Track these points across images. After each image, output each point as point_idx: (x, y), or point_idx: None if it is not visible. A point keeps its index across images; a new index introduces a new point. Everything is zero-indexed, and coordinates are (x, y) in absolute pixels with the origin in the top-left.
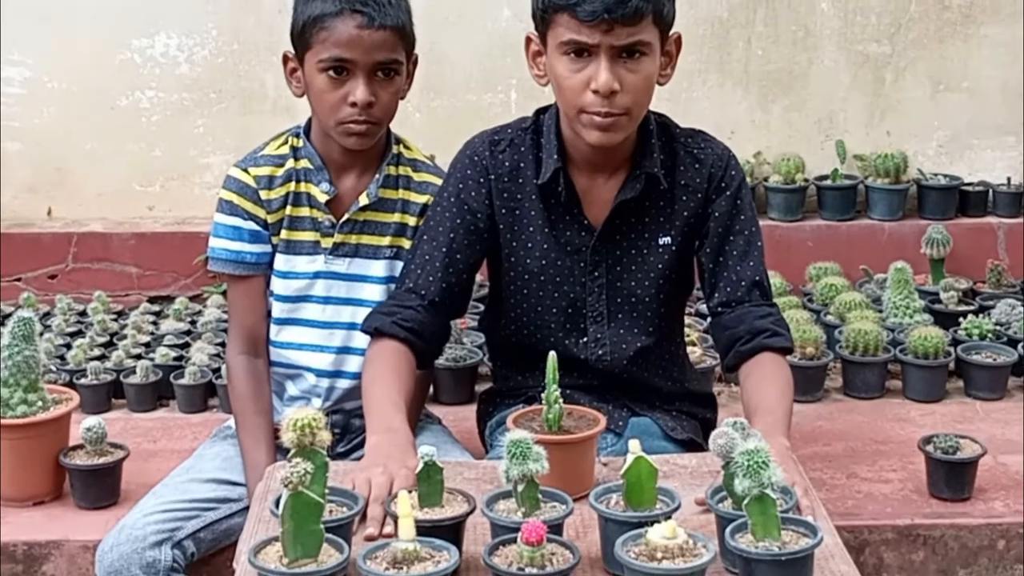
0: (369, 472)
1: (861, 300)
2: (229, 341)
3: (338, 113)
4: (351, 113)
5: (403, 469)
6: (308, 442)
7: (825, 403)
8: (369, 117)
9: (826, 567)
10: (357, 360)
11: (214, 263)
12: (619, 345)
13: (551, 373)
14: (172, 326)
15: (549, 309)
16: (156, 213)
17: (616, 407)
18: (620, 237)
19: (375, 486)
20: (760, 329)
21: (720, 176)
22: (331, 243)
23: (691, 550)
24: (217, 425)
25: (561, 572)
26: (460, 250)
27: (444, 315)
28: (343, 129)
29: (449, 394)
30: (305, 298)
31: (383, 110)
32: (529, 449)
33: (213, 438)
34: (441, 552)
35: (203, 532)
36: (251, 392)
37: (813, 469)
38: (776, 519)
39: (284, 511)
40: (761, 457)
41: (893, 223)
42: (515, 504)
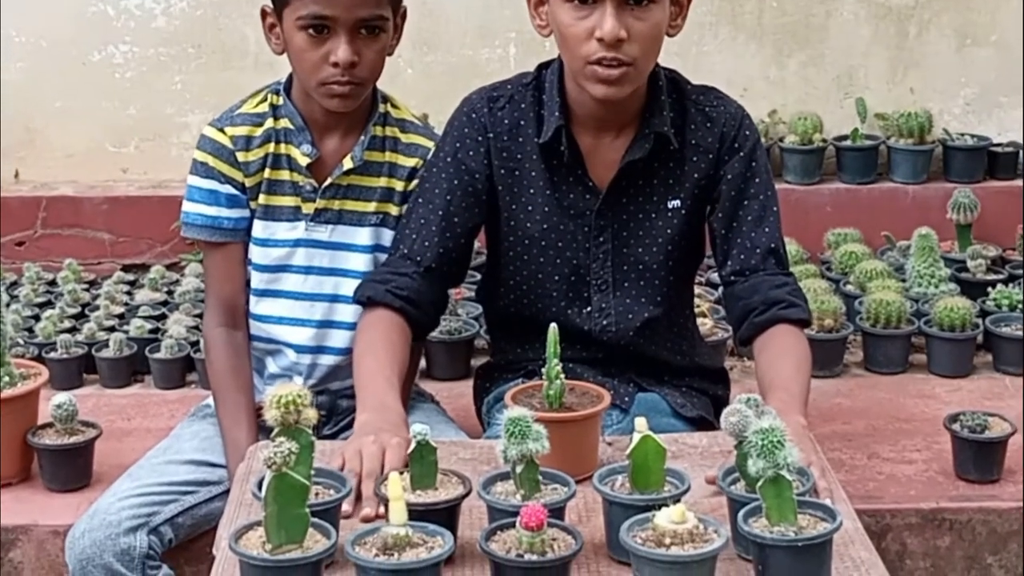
0: (359, 442)
1: (883, 269)
2: (206, 313)
3: (319, 73)
4: (333, 73)
5: (395, 438)
6: (293, 420)
7: (844, 379)
8: (352, 77)
9: (845, 553)
10: (341, 335)
11: (188, 229)
12: (625, 315)
13: (552, 346)
14: (147, 296)
15: (550, 277)
16: (130, 176)
17: (622, 382)
18: (627, 200)
19: (366, 457)
20: (775, 299)
21: (733, 136)
22: (312, 209)
23: (701, 535)
24: (196, 402)
25: (562, 559)
26: (457, 213)
27: (441, 283)
28: (325, 90)
29: (443, 369)
30: (285, 268)
31: (368, 69)
32: (528, 427)
33: (192, 417)
34: (434, 537)
35: (181, 517)
36: (230, 367)
37: (832, 449)
38: (792, 502)
39: (267, 494)
40: (776, 436)
41: (917, 186)
42: (513, 486)
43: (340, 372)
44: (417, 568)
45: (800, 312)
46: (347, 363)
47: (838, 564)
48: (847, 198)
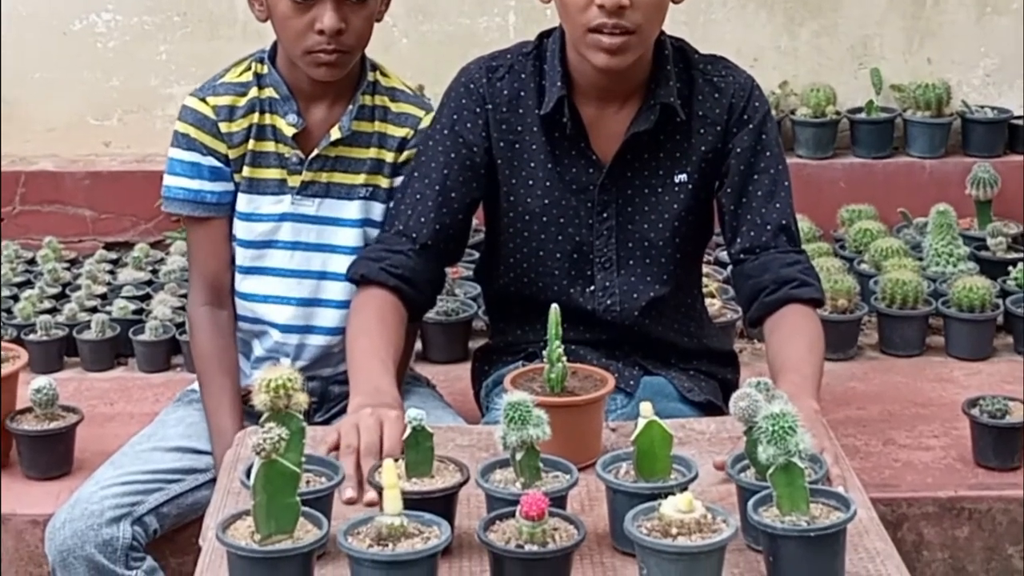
0: (355, 417)
1: (899, 247)
2: (190, 291)
3: (304, 41)
4: (319, 41)
5: (393, 411)
6: (283, 405)
7: (859, 361)
8: (339, 46)
9: (860, 544)
10: (329, 314)
11: (169, 203)
12: (629, 295)
13: (554, 327)
14: (131, 276)
15: (552, 254)
16: (113, 150)
17: (626, 365)
18: (631, 174)
19: (364, 430)
20: (787, 278)
21: (742, 108)
22: (299, 182)
23: (709, 525)
24: (181, 387)
25: (564, 550)
26: (455, 188)
27: (437, 260)
28: (311, 59)
29: (440, 352)
30: (270, 243)
31: (355, 37)
32: (529, 412)
33: (177, 402)
34: (431, 527)
35: (166, 506)
36: (214, 348)
37: (845, 435)
38: (804, 491)
39: (256, 482)
40: (787, 422)
41: (935, 161)
42: (513, 474)
43: (331, 358)
44: (413, 559)
45: (813, 291)
46: (338, 347)
47: (852, 555)
48: (861, 173)
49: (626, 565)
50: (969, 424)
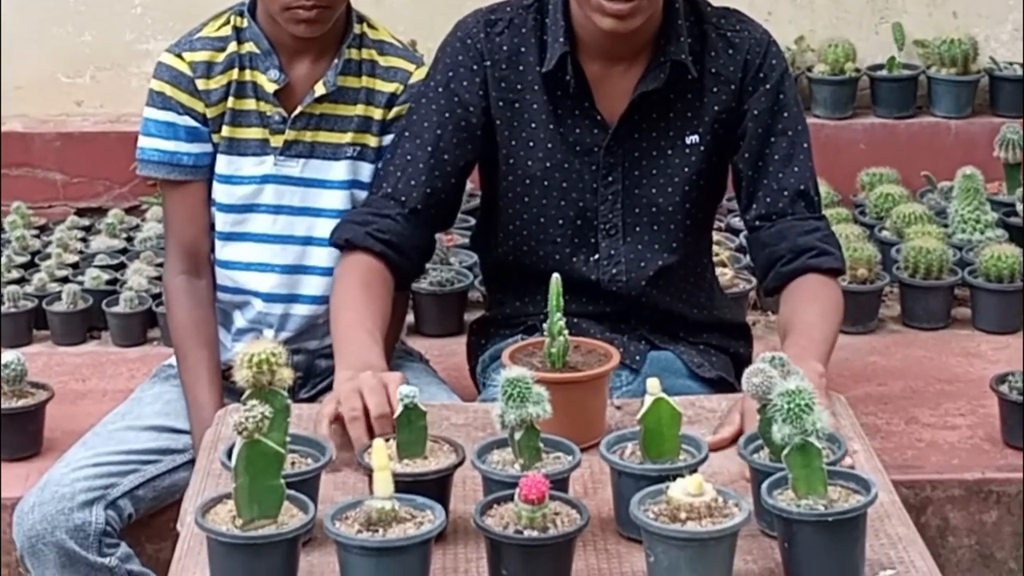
0: (354, 382)
1: (922, 213)
2: (166, 260)
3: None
4: None
5: (396, 373)
6: (266, 381)
7: (880, 335)
8: (319, 1)
9: (881, 529)
10: (315, 282)
11: (144, 166)
12: (636, 264)
13: (555, 298)
14: (104, 243)
15: (554, 221)
16: (85, 109)
17: (632, 339)
18: (639, 136)
19: (368, 391)
20: (805, 247)
21: (758, 65)
22: (282, 141)
23: (721, 509)
24: (158, 362)
25: (566, 535)
26: (448, 150)
27: (428, 226)
28: (289, 15)
29: (433, 324)
30: (252, 208)
31: None
32: (528, 389)
33: (153, 378)
34: (424, 511)
35: (142, 489)
36: (193, 320)
37: (866, 413)
38: (821, 473)
39: (237, 463)
40: (804, 399)
41: (960, 121)
42: (512, 455)
43: (317, 329)
44: (405, 545)
45: (833, 260)
46: (324, 317)
47: (873, 541)
48: (883, 134)
49: (631, 552)
50: (997, 401)
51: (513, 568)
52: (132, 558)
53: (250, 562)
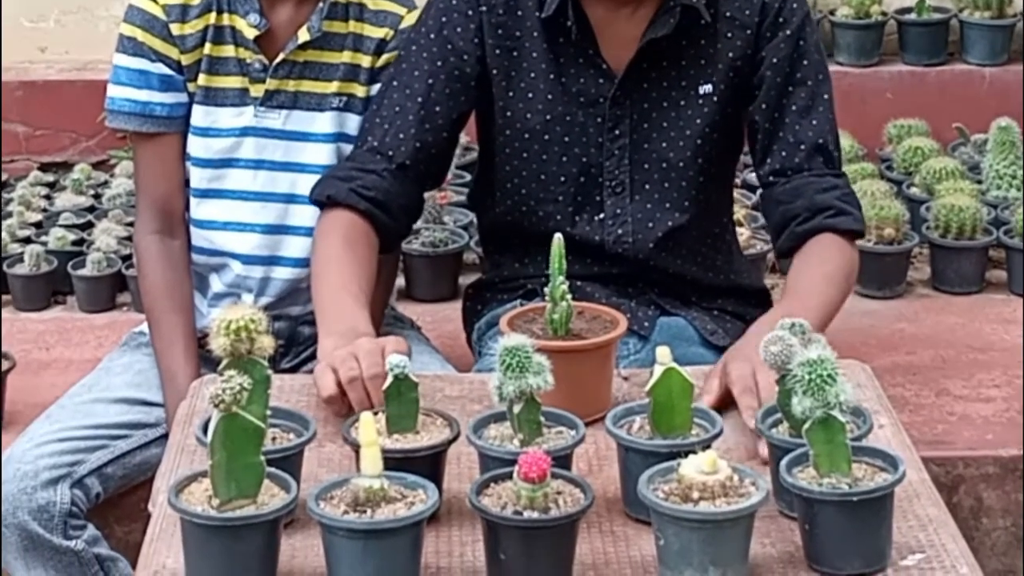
0: (348, 348)
1: (954, 168)
2: (137, 219)
3: None
4: None
5: (392, 336)
6: (245, 350)
7: (908, 299)
8: None
9: (909, 510)
10: (298, 243)
11: (114, 117)
12: (644, 224)
13: (557, 260)
14: (70, 201)
15: (555, 178)
16: (50, 56)
17: (640, 304)
18: (648, 86)
19: (364, 355)
20: (822, 205)
21: (777, 9)
22: (262, 91)
23: (736, 488)
24: (128, 328)
25: (569, 516)
26: (440, 101)
27: (417, 183)
28: None
29: (426, 288)
30: (230, 162)
31: None
32: (528, 359)
33: (123, 346)
34: (415, 491)
35: (111, 466)
36: (166, 283)
37: (893, 384)
38: (845, 449)
39: (214, 439)
40: (827, 369)
41: (995, 69)
42: (510, 429)
43: (300, 294)
44: (394, 528)
45: (851, 221)
46: (308, 281)
47: (900, 523)
48: (911, 83)
49: (640, 534)
50: None
51: (512, 552)
52: (100, 541)
53: (228, 545)
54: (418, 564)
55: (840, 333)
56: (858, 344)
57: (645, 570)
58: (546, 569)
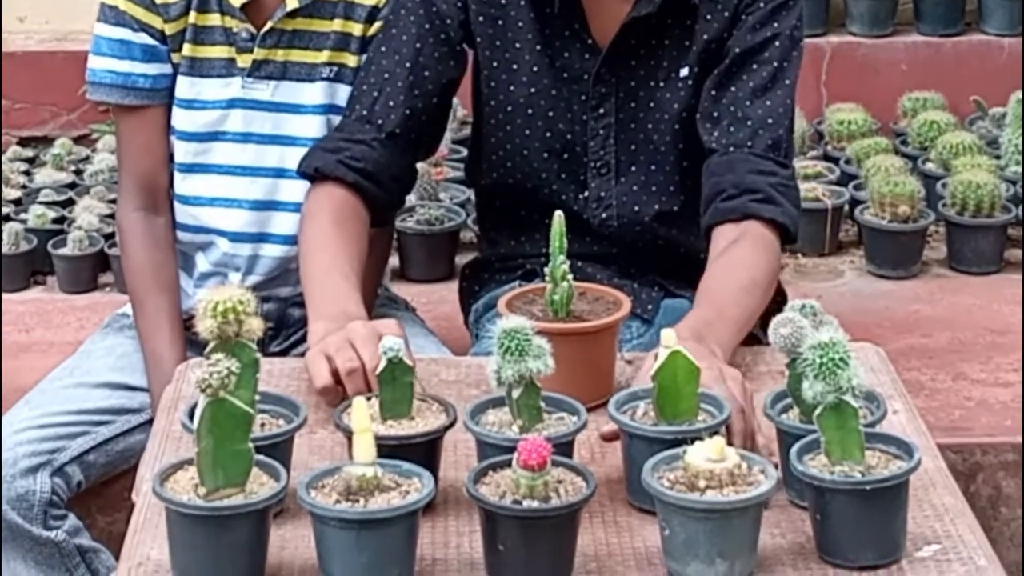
0: (345, 332)
1: (972, 142)
2: (120, 195)
3: None
4: None
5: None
6: (232, 332)
7: (924, 280)
8: None
9: (925, 499)
10: (287, 219)
11: (95, 90)
12: (630, 208)
13: (557, 239)
14: (50, 177)
15: (539, 154)
16: (29, 26)
17: (644, 285)
18: (635, 64)
19: (360, 341)
20: (752, 187)
21: None
22: (250, 61)
23: (744, 477)
24: (111, 310)
25: (570, 506)
26: (429, 66)
27: (408, 153)
28: None
29: (421, 268)
30: (217, 136)
31: None
32: (528, 342)
33: (106, 328)
34: (410, 479)
35: (92, 454)
36: (150, 263)
37: (908, 368)
38: (858, 435)
39: (201, 425)
40: (839, 352)
41: (1014, 39)
42: (509, 415)
43: (290, 274)
44: (388, 518)
45: (778, 212)
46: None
47: (916, 512)
48: (927, 54)
49: (644, 524)
50: None
51: (511, 543)
52: (81, 531)
53: (214, 536)
54: (413, 555)
55: (853, 315)
56: (872, 326)
57: (649, 562)
58: (546, 561)
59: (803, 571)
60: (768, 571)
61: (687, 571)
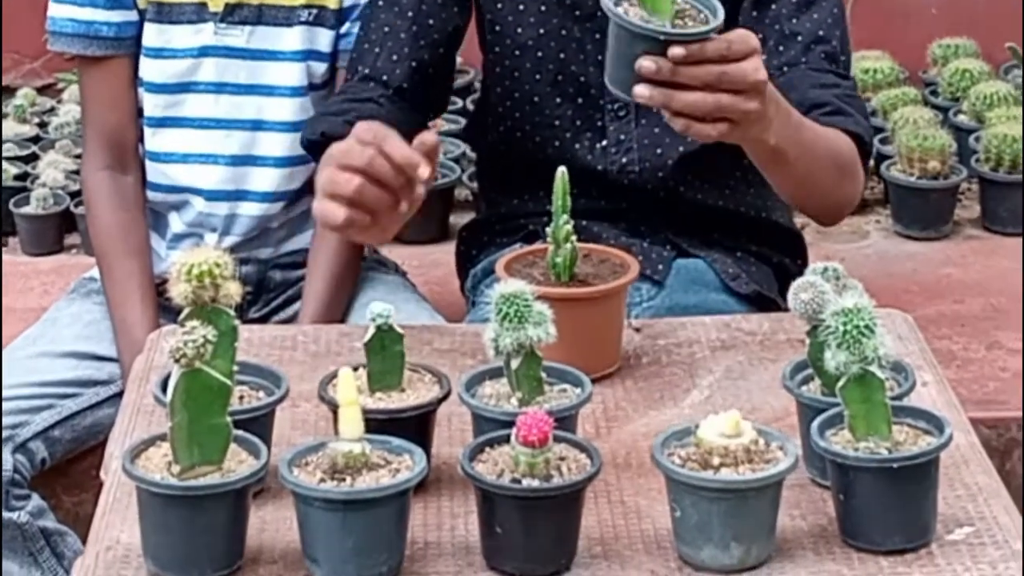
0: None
1: (1007, 93)
2: (85, 152)
3: None
4: None
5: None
6: (208, 297)
7: (955, 241)
8: None
9: (957, 478)
10: (265, 175)
11: (56, 39)
12: (652, 151)
13: (560, 197)
14: (12, 130)
15: (550, 99)
16: None
17: (654, 244)
18: None
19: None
20: (817, 101)
21: None
22: (222, 5)
23: (762, 453)
24: (78, 274)
25: (573, 485)
26: (432, 14)
27: (418, 110)
28: None
29: (413, 229)
30: (188, 87)
31: None
32: (528, 307)
33: (72, 293)
34: (400, 456)
35: (58, 429)
36: (119, 223)
37: (938, 336)
38: (885, 409)
39: (174, 398)
40: (863, 319)
41: None
42: (508, 387)
43: (270, 235)
44: (377, 498)
45: (851, 123)
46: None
47: (947, 492)
48: None
49: (653, 505)
50: None
51: (509, 525)
52: (46, 512)
53: (189, 517)
54: (404, 538)
55: (879, 278)
56: (899, 291)
57: (659, 546)
58: (547, 544)
59: (825, 556)
60: (787, 556)
61: (700, 556)
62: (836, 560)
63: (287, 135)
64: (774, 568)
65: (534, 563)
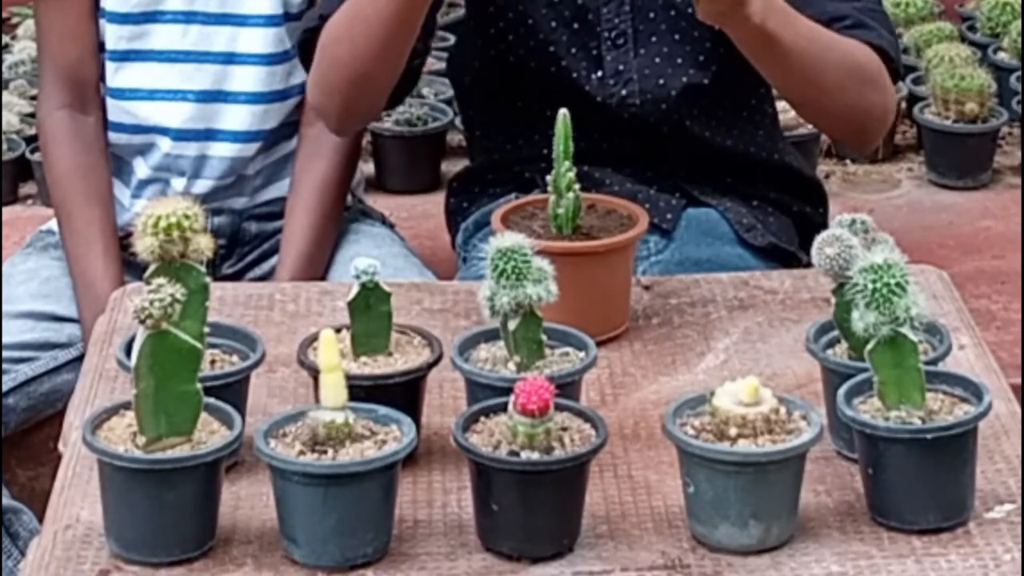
0: None
1: None
2: (41, 91)
3: None
4: None
5: None
6: (177, 252)
7: (995, 190)
8: None
9: (996, 450)
10: (239, 112)
11: None
12: (653, 81)
13: (562, 142)
14: None
15: (544, 23)
16: None
17: (663, 192)
18: None
19: None
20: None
21: None
22: None
23: (783, 424)
24: (34, 226)
25: (577, 458)
26: None
27: None
28: None
29: (400, 177)
30: (154, 16)
31: None
32: (527, 263)
33: (27, 248)
34: (387, 427)
35: (12, 397)
36: (78, 169)
37: (976, 295)
38: (918, 375)
39: (139, 362)
40: (895, 277)
41: None
42: (504, 351)
43: (244, 183)
44: (362, 472)
45: (874, 36)
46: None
47: (986, 465)
48: None
49: (664, 480)
50: None
51: (506, 500)
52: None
53: (156, 493)
54: (391, 516)
55: (912, 232)
56: (934, 245)
57: (670, 524)
58: (548, 522)
59: (852, 535)
60: (811, 535)
61: (715, 535)
62: (864, 540)
63: (261, 68)
64: (796, 548)
65: (533, 543)
